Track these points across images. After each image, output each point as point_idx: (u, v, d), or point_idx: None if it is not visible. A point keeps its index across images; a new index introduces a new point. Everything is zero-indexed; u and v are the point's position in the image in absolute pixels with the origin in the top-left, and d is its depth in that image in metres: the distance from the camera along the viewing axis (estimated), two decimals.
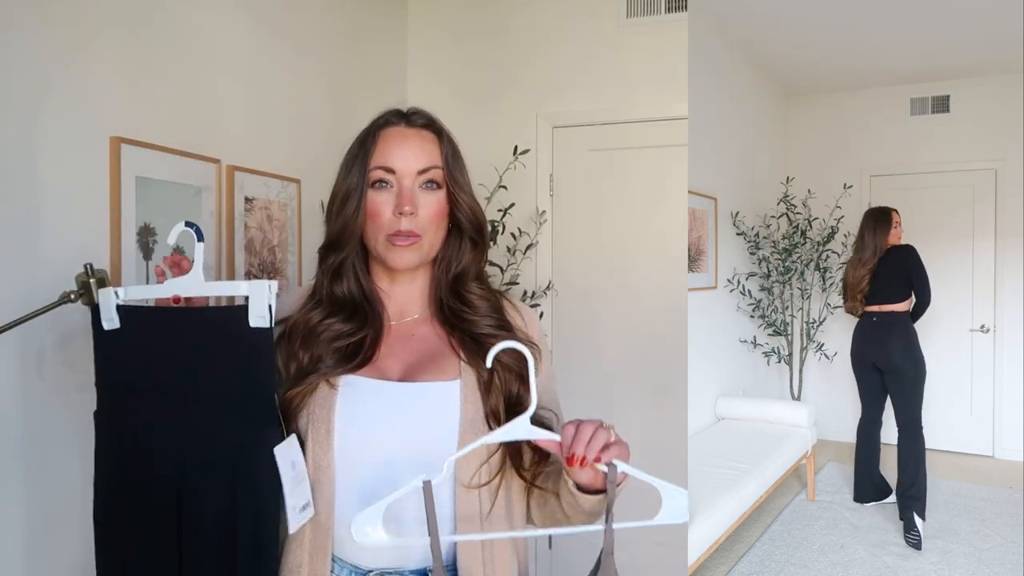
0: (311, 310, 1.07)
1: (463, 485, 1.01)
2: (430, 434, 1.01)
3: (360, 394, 1.03)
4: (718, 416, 3.81)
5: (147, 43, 1.78)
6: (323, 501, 1.01)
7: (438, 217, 1.07)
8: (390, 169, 1.05)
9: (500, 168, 2.59)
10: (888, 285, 3.18)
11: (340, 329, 1.05)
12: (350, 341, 1.05)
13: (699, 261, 3.53)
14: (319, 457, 1.01)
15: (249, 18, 2.12)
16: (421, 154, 1.06)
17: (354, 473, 1.01)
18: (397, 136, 1.07)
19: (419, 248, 1.06)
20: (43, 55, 1.53)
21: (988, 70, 4.22)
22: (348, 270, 1.08)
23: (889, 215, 3.25)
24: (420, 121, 1.09)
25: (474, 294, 1.09)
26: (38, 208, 1.51)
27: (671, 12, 2.70)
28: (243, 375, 0.97)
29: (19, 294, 1.41)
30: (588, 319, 2.83)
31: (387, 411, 1.03)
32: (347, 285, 1.08)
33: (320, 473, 1.01)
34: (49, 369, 1.50)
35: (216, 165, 1.96)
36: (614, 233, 2.80)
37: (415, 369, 1.06)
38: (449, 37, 2.95)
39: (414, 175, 1.05)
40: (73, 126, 1.59)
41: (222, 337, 0.98)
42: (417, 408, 1.03)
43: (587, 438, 0.91)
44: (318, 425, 1.02)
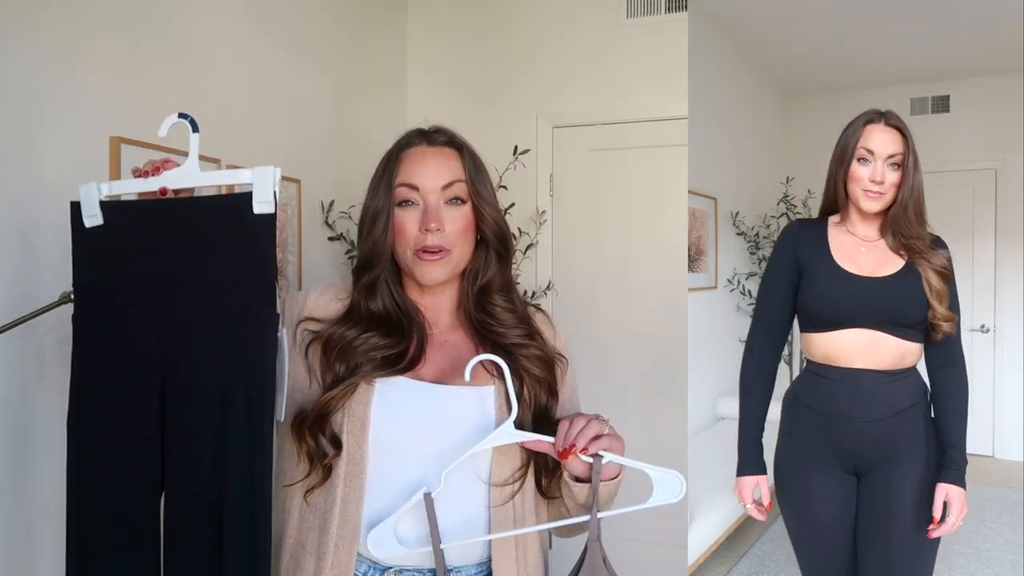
0: (349, 327, 1.08)
1: (496, 486, 1.04)
2: (463, 437, 1.03)
3: (398, 392, 1.05)
4: (717, 416, 3.81)
5: (147, 44, 1.78)
6: (354, 493, 1.02)
7: (465, 231, 1.09)
8: (414, 187, 1.07)
9: (500, 168, 2.59)
10: None
11: (378, 343, 1.06)
12: (388, 353, 1.06)
13: (699, 261, 3.53)
14: (353, 450, 1.03)
15: (249, 18, 2.12)
16: (444, 170, 1.08)
17: (387, 468, 1.03)
18: (419, 155, 1.09)
19: (448, 262, 1.08)
20: (43, 55, 1.53)
21: (988, 70, 4.22)
22: (382, 286, 1.10)
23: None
24: (441, 139, 1.12)
25: (499, 306, 1.12)
26: (38, 208, 1.51)
27: (671, 12, 2.69)
28: (243, 261, 0.96)
29: (19, 294, 1.42)
30: (588, 319, 2.83)
31: (423, 411, 1.05)
32: (382, 301, 1.10)
33: (353, 465, 1.03)
34: (49, 369, 1.50)
35: (216, 165, 1.96)
36: (614, 233, 2.80)
37: (448, 374, 1.09)
38: (449, 37, 2.95)
39: (438, 191, 1.07)
40: (73, 126, 1.59)
41: (222, 225, 0.97)
42: (452, 410, 1.06)
43: (579, 429, 0.97)
44: (354, 419, 1.03)
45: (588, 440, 0.96)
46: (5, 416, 1.44)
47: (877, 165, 1.52)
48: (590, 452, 0.96)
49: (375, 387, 1.04)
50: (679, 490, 0.98)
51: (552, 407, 1.09)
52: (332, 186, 2.43)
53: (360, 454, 1.03)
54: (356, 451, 1.03)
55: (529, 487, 1.08)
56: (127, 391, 1.00)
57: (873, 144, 1.53)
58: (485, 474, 1.04)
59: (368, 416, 1.03)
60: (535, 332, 1.13)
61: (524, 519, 1.06)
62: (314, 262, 2.38)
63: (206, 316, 0.97)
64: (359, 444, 1.03)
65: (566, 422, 0.98)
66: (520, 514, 1.06)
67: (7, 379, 1.44)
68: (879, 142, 1.53)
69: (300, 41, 2.34)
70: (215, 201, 1.04)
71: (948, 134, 4.40)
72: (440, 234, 1.06)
